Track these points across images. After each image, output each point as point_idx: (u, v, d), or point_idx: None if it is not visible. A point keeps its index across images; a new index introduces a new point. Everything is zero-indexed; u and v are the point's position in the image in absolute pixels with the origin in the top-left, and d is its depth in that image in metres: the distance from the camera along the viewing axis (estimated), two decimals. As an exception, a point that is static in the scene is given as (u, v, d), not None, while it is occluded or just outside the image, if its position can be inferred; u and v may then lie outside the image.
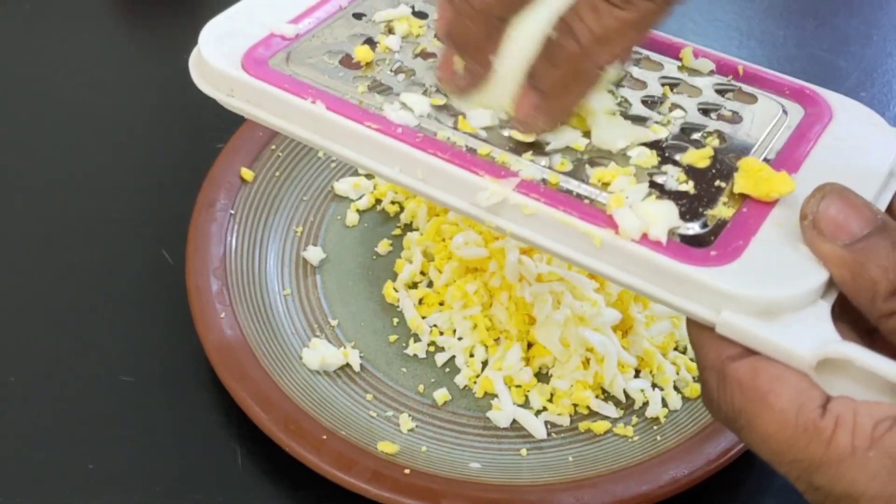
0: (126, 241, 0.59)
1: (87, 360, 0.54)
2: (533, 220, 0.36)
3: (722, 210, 0.36)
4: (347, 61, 0.42)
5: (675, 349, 0.54)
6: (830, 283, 0.33)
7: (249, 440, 0.51)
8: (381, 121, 0.39)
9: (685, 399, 0.52)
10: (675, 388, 0.53)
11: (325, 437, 0.48)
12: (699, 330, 0.34)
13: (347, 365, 0.53)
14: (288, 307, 0.55)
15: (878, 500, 0.30)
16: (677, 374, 0.53)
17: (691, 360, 0.54)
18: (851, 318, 0.34)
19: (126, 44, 0.73)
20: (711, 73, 0.42)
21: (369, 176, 0.62)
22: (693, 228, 0.35)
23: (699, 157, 0.38)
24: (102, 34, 0.73)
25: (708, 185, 0.37)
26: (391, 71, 0.42)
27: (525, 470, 0.49)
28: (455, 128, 0.39)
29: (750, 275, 0.33)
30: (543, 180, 0.37)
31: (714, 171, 0.37)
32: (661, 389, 0.53)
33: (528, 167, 0.37)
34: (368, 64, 0.42)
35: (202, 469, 0.50)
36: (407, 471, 0.48)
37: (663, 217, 0.35)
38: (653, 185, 0.37)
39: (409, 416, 0.51)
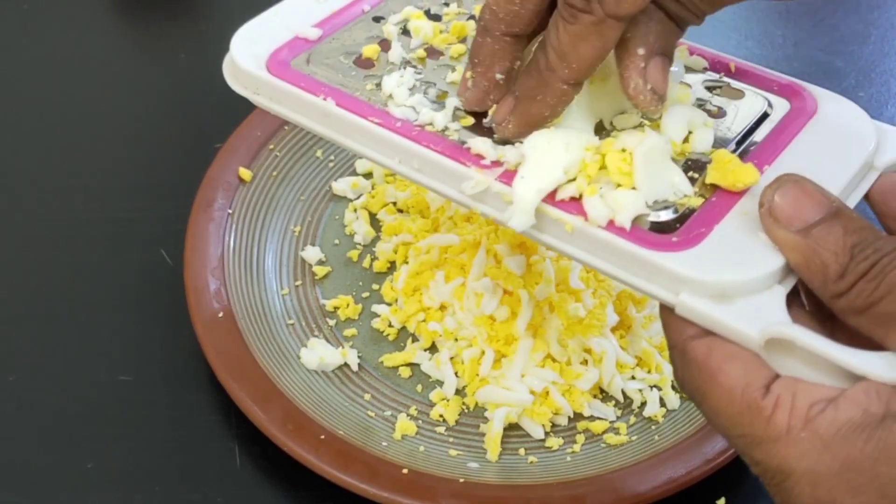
0: (124, 241, 0.59)
1: (85, 360, 0.54)
2: (512, 207, 0.38)
3: (691, 200, 0.37)
4: (360, 61, 0.45)
5: (673, 349, 0.54)
6: (789, 271, 0.35)
7: (248, 439, 0.51)
8: (383, 115, 0.41)
9: (683, 399, 0.52)
10: (673, 387, 0.53)
11: (323, 436, 0.48)
12: (666, 312, 0.36)
13: (346, 365, 0.53)
14: (286, 307, 0.55)
15: (806, 476, 0.32)
16: (675, 373, 0.53)
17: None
18: (817, 303, 0.35)
19: (125, 44, 0.73)
20: (704, 69, 0.43)
21: (367, 175, 0.62)
22: (662, 216, 0.37)
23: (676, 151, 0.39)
24: (102, 34, 0.73)
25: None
26: (399, 66, 0.44)
27: (523, 470, 0.49)
28: (453, 120, 0.41)
29: (707, 260, 0.35)
30: None
31: (690, 162, 0.39)
32: (659, 389, 0.53)
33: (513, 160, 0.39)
34: (378, 61, 0.44)
35: (200, 468, 0.50)
36: (405, 470, 0.48)
37: (629, 205, 0.37)
38: None
39: (407, 415, 0.51)
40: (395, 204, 0.61)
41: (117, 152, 0.65)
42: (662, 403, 0.52)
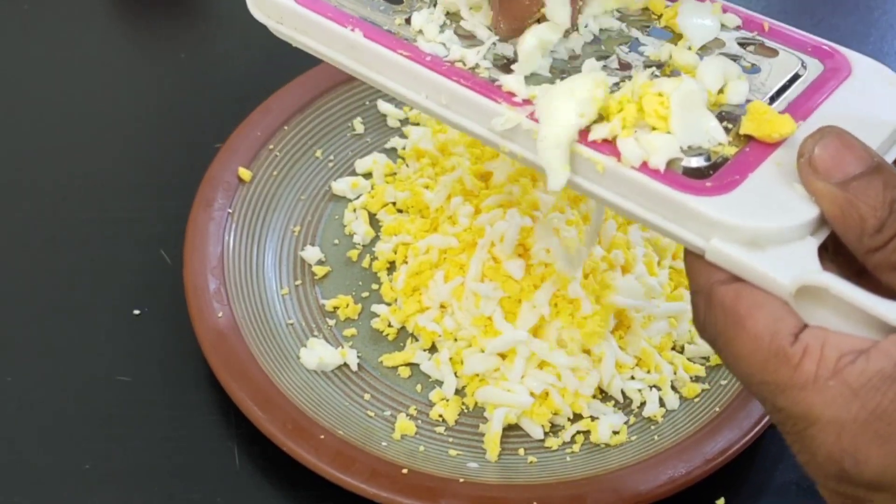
0: (124, 241, 0.59)
1: (84, 360, 0.54)
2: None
3: (725, 148, 0.37)
4: None
5: (673, 349, 0.54)
6: (822, 223, 0.35)
7: (247, 440, 0.51)
8: (413, 49, 0.41)
9: (682, 399, 0.52)
10: (673, 387, 0.53)
11: (322, 436, 0.48)
12: (692, 257, 0.36)
13: (345, 365, 0.53)
14: (286, 307, 0.55)
15: (831, 425, 0.31)
16: (675, 373, 0.53)
17: (689, 359, 0.54)
18: (843, 260, 0.35)
19: (125, 44, 0.73)
20: (738, 27, 0.43)
21: (367, 175, 0.62)
22: (695, 162, 0.37)
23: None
24: (102, 34, 0.73)
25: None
26: (428, 4, 0.43)
27: (523, 470, 0.49)
28: (484, 57, 0.41)
29: (741, 206, 0.35)
30: None
31: (724, 113, 0.39)
32: (659, 389, 0.53)
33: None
34: None
35: (200, 469, 0.50)
36: (405, 470, 0.48)
37: (663, 147, 0.36)
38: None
39: (407, 415, 0.51)
40: (394, 204, 0.61)
41: (117, 152, 0.65)
42: (662, 403, 0.52)
